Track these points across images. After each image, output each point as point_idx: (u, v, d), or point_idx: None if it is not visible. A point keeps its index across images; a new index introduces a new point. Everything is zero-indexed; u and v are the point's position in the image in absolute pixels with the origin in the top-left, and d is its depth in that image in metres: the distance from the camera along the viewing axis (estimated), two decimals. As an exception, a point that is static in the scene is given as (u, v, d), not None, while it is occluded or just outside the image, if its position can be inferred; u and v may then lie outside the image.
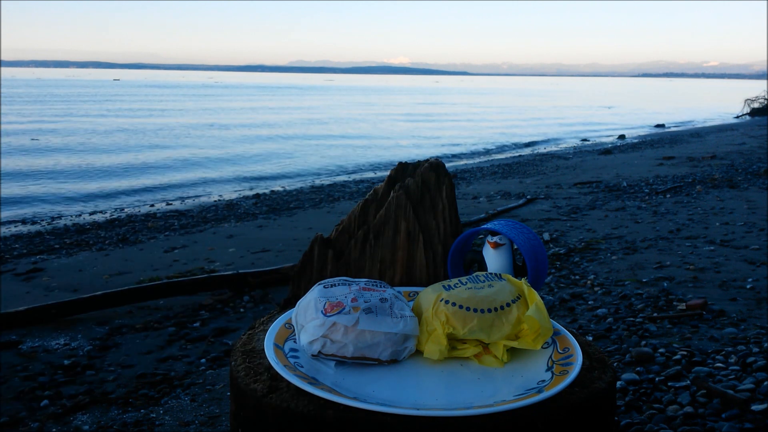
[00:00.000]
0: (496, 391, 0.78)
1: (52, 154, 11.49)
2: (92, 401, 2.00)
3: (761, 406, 1.52)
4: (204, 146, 12.99)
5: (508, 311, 0.86)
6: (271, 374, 0.80)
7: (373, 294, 0.90)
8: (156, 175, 9.49)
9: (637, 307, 2.52)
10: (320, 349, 0.83)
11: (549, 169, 8.68)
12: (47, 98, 29.87)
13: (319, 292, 0.90)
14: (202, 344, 2.52)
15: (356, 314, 0.84)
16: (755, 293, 2.65)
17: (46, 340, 2.60)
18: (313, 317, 0.85)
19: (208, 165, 10.71)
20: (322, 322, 0.83)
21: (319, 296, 0.89)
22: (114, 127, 16.69)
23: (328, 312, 0.85)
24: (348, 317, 0.84)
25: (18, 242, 5.05)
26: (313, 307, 0.87)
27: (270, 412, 0.75)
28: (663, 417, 1.54)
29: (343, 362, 0.83)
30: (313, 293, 0.90)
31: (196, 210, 6.52)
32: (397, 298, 0.90)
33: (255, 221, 5.59)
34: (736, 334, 2.11)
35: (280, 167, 10.63)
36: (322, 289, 0.91)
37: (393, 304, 0.88)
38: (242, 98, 35.74)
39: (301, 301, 0.91)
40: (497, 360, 0.86)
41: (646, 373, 1.80)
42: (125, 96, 33.72)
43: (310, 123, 19.72)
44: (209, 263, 3.92)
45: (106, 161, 10.78)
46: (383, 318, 0.85)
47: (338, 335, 0.83)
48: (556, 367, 0.82)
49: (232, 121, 19.76)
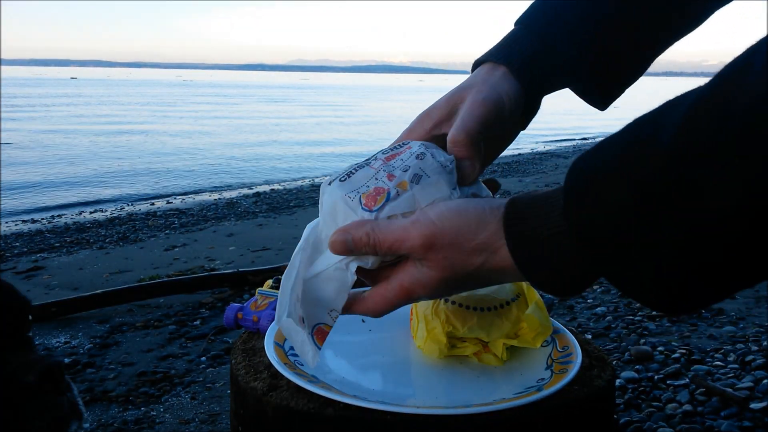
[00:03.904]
0: (496, 389, 0.79)
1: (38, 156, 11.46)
2: (93, 399, 2.00)
3: (760, 405, 1.53)
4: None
5: (507, 310, 0.87)
6: (271, 372, 0.80)
7: (402, 157, 0.65)
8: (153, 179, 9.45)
9: (636, 305, 2.52)
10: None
11: (548, 167, 8.68)
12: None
13: (338, 187, 0.63)
14: (203, 342, 2.52)
15: (408, 191, 0.61)
16: (754, 292, 2.65)
17: (47, 338, 2.60)
18: (353, 218, 0.61)
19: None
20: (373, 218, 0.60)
21: (344, 193, 0.62)
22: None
23: (373, 206, 0.60)
24: (402, 200, 0.61)
25: (18, 240, 5.06)
26: (343, 209, 0.61)
27: (270, 410, 0.75)
28: (662, 415, 1.55)
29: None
30: (332, 194, 0.63)
31: (197, 208, 6.52)
32: (427, 147, 0.66)
33: (255, 219, 5.59)
34: (735, 333, 2.12)
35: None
36: (339, 183, 0.63)
37: (432, 154, 0.65)
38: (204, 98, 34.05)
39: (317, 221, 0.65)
40: (497, 358, 0.86)
41: (645, 372, 1.80)
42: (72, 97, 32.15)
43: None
44: (209, 261, 3.92)
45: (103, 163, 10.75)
46: (437, 176, 0.63)
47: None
48: (556, 366, 0.82)
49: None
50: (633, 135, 0.45)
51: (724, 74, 0.40)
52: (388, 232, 0.59)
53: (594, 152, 0.47)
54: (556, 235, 0.49)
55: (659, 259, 0.43)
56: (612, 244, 0.45)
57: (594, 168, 0.47)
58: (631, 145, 0.44)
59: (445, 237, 0.56)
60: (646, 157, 0.42)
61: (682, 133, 0.40)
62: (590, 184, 0.46)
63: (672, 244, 0.42)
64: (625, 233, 0.44)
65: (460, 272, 0.56)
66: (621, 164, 0.44)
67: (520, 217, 0.53)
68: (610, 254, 0.46)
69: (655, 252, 0.43)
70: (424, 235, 0.56)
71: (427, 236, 0.56)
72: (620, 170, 0.44)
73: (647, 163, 0.42)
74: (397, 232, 0.58)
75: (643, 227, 0.43)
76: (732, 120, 0.38)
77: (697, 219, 0.40)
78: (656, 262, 0.43)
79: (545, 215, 0.50)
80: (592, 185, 0.46)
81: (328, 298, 0.62)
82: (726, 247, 0.40)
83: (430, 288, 0.59)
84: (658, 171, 0.41)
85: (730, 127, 0.38)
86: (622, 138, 0.46)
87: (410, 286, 0.59)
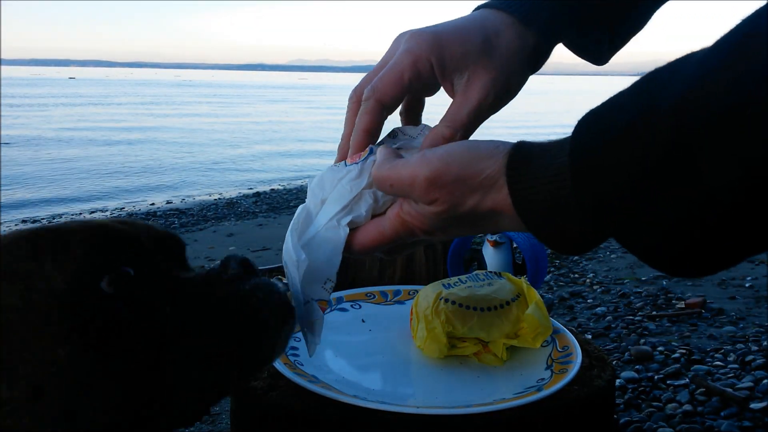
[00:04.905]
0: (496, 389, 0.79)
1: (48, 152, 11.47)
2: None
3: (760, 404, 1.53)
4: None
5: (507, 310, 0.87)
6: (271, 372, 0.80)
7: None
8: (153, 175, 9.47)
9: (636, 306, 2.52)
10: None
11: (549, 167, 8.68)
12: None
13: (324, 172, 0.63)
14: (203, 342, 2.52)
15: (388, 141, 0.64)
16: (754, 292, 2.65)
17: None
18: (340, 177, 0.60)
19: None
20: (359, 168, 0.60)
21: (327, 171, 0.63)
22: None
23: (358, 159, 0.61)
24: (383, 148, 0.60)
25: (18, 241, 5.05)
26: (329, 177, 0.62)
27: (270, 410, 0.75)
28: (662, 415, 1.55)
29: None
30: (319, 175, 0.63)
31: (197, 208, 6.52)
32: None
33: (255, 219, 5.59)
34: (735, 333, 2.12)
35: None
36: (322, 173, 0.63)
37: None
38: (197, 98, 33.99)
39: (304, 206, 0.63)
40: (497, 358, 0.86)
41: (645, 372, 1.80)
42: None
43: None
44: (209, 261, 3.92)
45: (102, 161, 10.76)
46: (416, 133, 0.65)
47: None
48: (556, 366, 0.82)
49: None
50: (642, 97, 0.45)
51: (727, 40, 0.41)
52: (393, 166, 0.56)
53: (604, 111, 0.47)
54: (561, 189, 0.48)
55: (666, 224, 0.43)
56: (618, 209, 0.45)
57: (602, 130, 0.46)
58: (640, 109, 0.44)
59: (451, 172, 0.53)
60: (652, 126, 0.42)
61: (686, 102, 0.41)
62: (598, 146, 0.46)
63: (678, 210, 0.42)
64: (632, 199, 0.44)
65: (459, 207, 0.53)
66: (629, 131, 0.44)
67: (525, 158, 0.51)
68: (616, 219, 0.46)
69: (662, 217, 0.43)
70: (431, 172, 0.53)
71: (434, 172, 0.53)
72: (628, 137, 0.44)
73: (653, 132, 0.42)
74: (404, 169, 0.55)
75: (650, 194, 0.43)
76: (733, 95, 0.39)
77: (700, 190, 0.41)
78: (663, 227, 0.44)
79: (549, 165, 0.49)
80: (601, 149, 0.46)
81: (322, 266, 0.59)
82: (727, 216, 0.41)
83: (427, 218, 0.55)
84: (663, 142, 0.42)
85: (731, 102, 0.39)
86: (631, 99, 0.46)
87: (405, 215, 0.56)
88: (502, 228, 0.55)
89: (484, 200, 0.52)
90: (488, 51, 0.61)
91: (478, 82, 0.61)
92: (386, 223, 0.58)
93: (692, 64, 0.43)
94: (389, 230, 0.58)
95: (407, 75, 0.60)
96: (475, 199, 0.53)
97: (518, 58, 0.63)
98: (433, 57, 0.60)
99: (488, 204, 0.52)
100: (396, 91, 0.61)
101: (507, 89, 0.63)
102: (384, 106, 0.62)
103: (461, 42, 0.61)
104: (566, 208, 0.48)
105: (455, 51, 0.60)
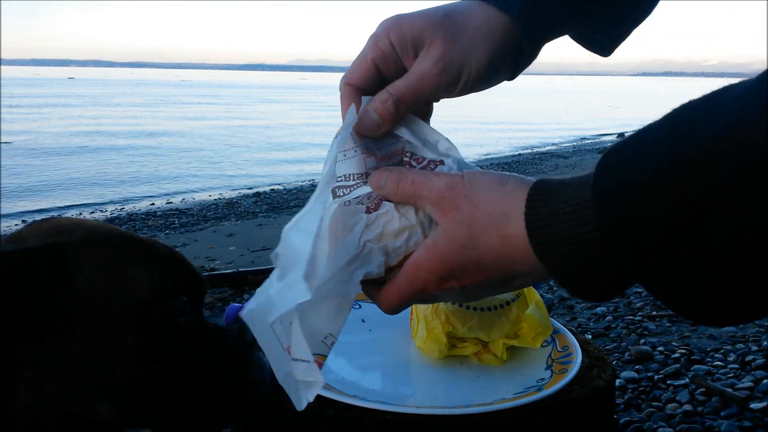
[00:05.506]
0: (496, 389, 0.79)
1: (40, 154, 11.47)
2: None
3: (760, 404, 1.53)
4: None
5: (507, 310, 0.87)
6: (271, 372, 0.80)
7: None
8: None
9: (636, 306, 2.52)
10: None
11: (548, 167, 8.68)
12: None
13: (337, 212, 0.56)
14: (203, 342, 2.52)
15: (388, 141, 0.62)
16: (754, 292, 2.65)
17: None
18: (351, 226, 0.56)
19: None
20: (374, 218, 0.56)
21: (340, 212, 0.56)
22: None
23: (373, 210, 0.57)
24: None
25: (18, 241, 5.05)
26: (342, 219, 0.56)
27: (270, 410, 0.75)
28: (662, 415, 1.54)
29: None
30: (330, 218, 0.55)
31: (197, 208, 6.52)
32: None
33: (255, 219, 5.59)
34: (735, 333, 2.12)
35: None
36: (335, 214, 0.56)
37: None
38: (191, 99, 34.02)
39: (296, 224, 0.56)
40: (497, 358, 0.86)
41: (645, 372, 1.80)
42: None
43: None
44: (210, 261, 3.92)
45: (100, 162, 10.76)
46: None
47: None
48: (556, 366, 0.82)
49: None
50: (672, 141, 0.42)
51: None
52: (414, 173, 0.57)
53: (630, 154, 0.45)
54: (585, 234, 0.46)
55: (702, 272, 0.41)
56: (650, 257, 0.43)
57: (631, 179, 0.44)
58: (671, 154, 0.42)
59: (464, 187, 0.53)
60: (685, 173, 0.40)
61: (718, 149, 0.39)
62: (628, 194, 0.44)
63: (713, 259, 0.41)
64: (665, 248, 0.42)
65: (468, 234, 0.52)
66: (660, 178, 0.42)
67: (544, 195, 0.50)
68: (649, 266, 0.44)
69: (697, 266, 0.41)
70: (446, 183, 0.54)
71: (449, 183, 0.54)
72: (661, 185, 0.42)
73: (688, 180, 0.40)
74: (423, 175, 0.56)
75: (684, 243, 0.41)
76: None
77: (736, 237, 0.39)
78: (699, 275, 0.42)
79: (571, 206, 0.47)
80: (632, 198, 0.43)
81: (323, 322, 0.54)
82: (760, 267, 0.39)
83: (435, 261, 0.54)
84: (698, 189, 0.40)
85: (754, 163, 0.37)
86: (658, 143, 0.43)
87: (415, 265, 0.55)
88: (513, 269, 0.53)
89: (497, 231, 0.52)
90: (446, 24, 0.61)
91: (428, 54, 0.60)
92: (402, 280, 0.57)
93: (727, 102, 0.40)
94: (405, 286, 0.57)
95: (370, 55, 0.62)
96: (485, 226, 0.53)
97: (480, 33, 0.61)
98: (392, 34, 0.61)
99: (500, 234, 0.52)
100: (362, 72, 0.62)
101: (461, 64, 0.60)
102: (355, 87, 0.62)
103: (421, 18, 0.61)
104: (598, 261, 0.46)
105: (415, 26, 0.61)
